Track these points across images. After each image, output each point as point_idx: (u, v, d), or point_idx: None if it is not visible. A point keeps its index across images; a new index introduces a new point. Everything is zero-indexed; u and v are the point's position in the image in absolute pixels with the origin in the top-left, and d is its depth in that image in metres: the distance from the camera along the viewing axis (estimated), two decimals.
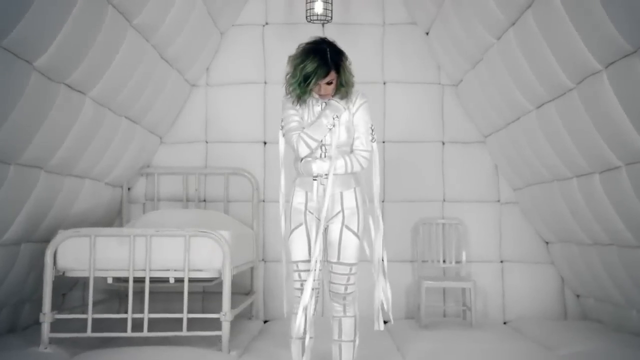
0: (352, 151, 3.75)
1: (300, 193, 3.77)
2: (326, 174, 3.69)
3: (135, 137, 5.57)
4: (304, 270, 3.72)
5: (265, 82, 6.34)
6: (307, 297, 3.63)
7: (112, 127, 5.03)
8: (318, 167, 3.69)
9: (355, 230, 3.74)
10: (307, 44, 3.63)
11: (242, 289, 6.11)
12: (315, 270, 3.66)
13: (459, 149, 6.27)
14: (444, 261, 6.08)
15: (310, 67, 3.53)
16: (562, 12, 3.89)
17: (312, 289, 3.71)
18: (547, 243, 6.13)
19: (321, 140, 3.69)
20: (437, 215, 6.20)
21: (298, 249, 3.72)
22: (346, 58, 3.68)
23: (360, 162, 3.74)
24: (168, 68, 5.48)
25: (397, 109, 6.29)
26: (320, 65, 3.54)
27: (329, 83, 3.63)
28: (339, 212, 3.74)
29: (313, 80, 3.56)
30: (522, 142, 5.38)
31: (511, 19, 4.57)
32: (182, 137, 6.30)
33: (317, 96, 3.73)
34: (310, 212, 3.74)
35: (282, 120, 3.77)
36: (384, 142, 6.27)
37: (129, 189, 6.20)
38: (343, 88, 3.68)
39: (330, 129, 3.66)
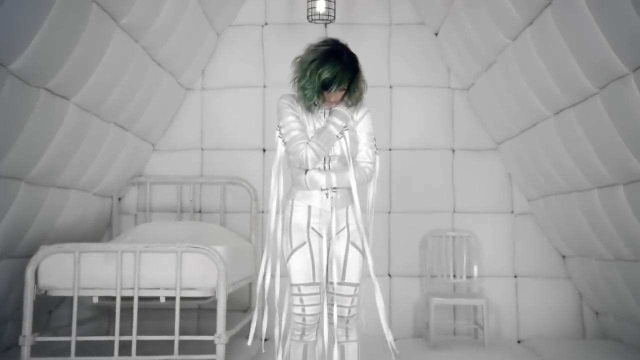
0: (355, 163, 3.59)
1: (301, 208, 3.58)
2: (334, 187, 3.52)
3: (125, 145, 5.42)
4: (307, 295, 3.53)
5: (265, 86, 6.22)
6: (325, 329, 3.49)
7: (99, 134, 4.88)
8: (327, 179, 3.51)
9: (360, 246, 3.58)
10: (321, 45, 3.44)
11: (240, 306, 5.96)
12: (322, 293, 3.52)
13: (470, 157, 6.15)
14: (454, 276, 5.97)
15: (330, 72, 3.35)
16: (585, 10, 3.69)
17: (318, 314, 3.56)
18: (563, 257, 6.00)
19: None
20: (446, 227, 6.08)
21: (301, 271, 3.52)
22: (360, 63, 3.52)
23: (367, 174, 3.60)
24: (160, 71, 5.35)
25: (404, 114, 6.18)
26: (342, 70, 3.36)
27: (342, 89, 3.46)
28: (344, 228, 3.58)
29: (334, 88, 3.38)
30: (538, 150, 5.23)
31: (528, 18, 4.41)
32: (176, 144, 6.19)
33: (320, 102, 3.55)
34: (313, 229, 3.55)
35: (280, 127, 3.55)
36: (390, 149, 6.16)
37: (119, 199, 6.06)
38: (355, 94, 3.51)
39: (339, 139, 3.49)
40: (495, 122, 5.86)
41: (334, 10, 5.67)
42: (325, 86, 3.37)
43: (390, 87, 6.22)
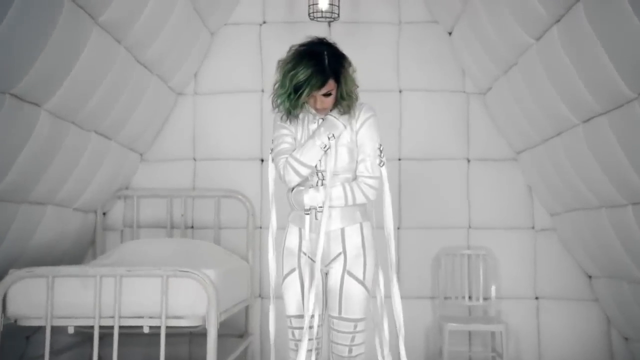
0: (355, 178, 3.36)
1: (293, 230, 3.40)
2: (321, 207, 3.28)
3: (108, 155, 5.21)
4: (298, 328, 3.33)
5: (263, 91, 6.05)
6: None
7: (77, 144, 4.64)
8: (311, 197, 3.28)
9: (360, 277, 3.32)
10: (301, 45, 3.24)
11: (236, 330, 5.80)
12: (311, 327, 3.26)
13: (486, 168, 6.01)
14: (469, 298, 5.83)
15: (302, 74, 3.13)
16: (624, 3, 3.38)
17: (309, 350, 3.30)
18: (590, 277, 5.81)
19: (315, 166, 3.29)
20: (461, 245, 5.94)
21: (291, 300, 3.35)
22: (349, 64, 3.27)
23: (365, 191, 3.32)
24: (146, 74, 5.13)
25: (414, 121, 6.04)
26: (315, 72, 3.14)
27: (326, 94, 3.22)
28: (339, 254, 3.33)
29: (305, 92, 3.15)
30: (563, 161, 5.01)
31: (556, 15, 4.15)
32: (166, 153, 6.05)
33: (313, 111, 3.33)
34: (304, 253, 3.35)
35: (272, 142, 3.40)
36: (399, 159, 6.02)
37: (104, 214, 5.90)
38: (344, 101, 3.27)
39: (325, 151, 3.26)
40: (515, 129, 5.68)
41: (338, 7, 5.54)
42: (296, 90, 3.15)
43: (400, 92, 6.07)
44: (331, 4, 5.45)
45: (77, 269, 4.19)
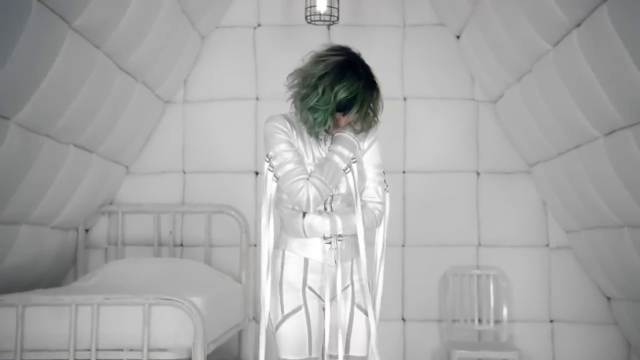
0: (362, 204, 3.15)
1: (295, 261, 3.10)
2: (339, 235, 3.06)
3: (89, 169, 5.07)
4: None
5: (257, 98, 5.98)
6: None
7: (53, 158, 4.48)
8: (332, 224, 3.06)
9: (368, 308, 3.14)
10: (331, 54, 2.98)
11: (228, 356, 5.70)
12: None
13: (497, 181, 5.93)
14: (479, 321, 5.74)
15: (348, 90, 2.90)
16: None
17: None
18: (609, 299, 5.70)
19: None
20: (470, 264, 5.86)
21: (294, 343, 3.05)
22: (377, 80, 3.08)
23: (377, 217, 3.16)
24: (130, 81, 5.01)
25: (420, 131, 5.97)
26: (365, 88, 2.94)
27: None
28: (348, 286, 3.13)
29: (354, 109, 2.94)
30: (581, 176, 4.85)
31: (576, 18, 3.98)
32: (153, 166, 5.97)
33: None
34: (310, 288, 3.09)
35: (270, 157, 3.06)
36: (403, 172, 5.95)
37: (86, 230, 5.78)
38: (368, 118, 3.04)
39: (345, 173, 3.05)
40: (528, 140, 5.58)
41: (338, 9, 5.42)
42: (341, 108, 2.93)
43: (404, 99, 5.99)
44: (330, 6, 5.35)
45: (50, 297, 4.02)
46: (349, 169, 3.03)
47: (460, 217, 5.89)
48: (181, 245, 5.85)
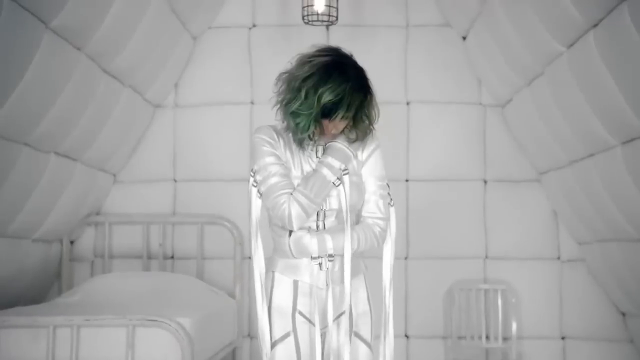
0: (357, 218, 2.99)
1: (285, 284, 2.95)
2: (330, 255, 2.89)
3: (73, 178, 4.96)
4: None
5: (252, 102, 5.92)
6: None
7: (32, 167, 4.37)
8: (320, 243, 2.89)
9: (368, 337, 3.00)
10: (318, 55, 2.84)
11: None
12: None
13: (505, 190, 5.88)
14: (486, 338, 5.69)
15: (333, 93, 2.75)
16: None
17: None
18: (623, 315, 5.63)
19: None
20: (477, 278, 5.81)
21: None
22: (371, 82, 2.93)
23: (378, 235, 2.96)
24: (116, 85, 4.92)
25: (424, 137, 5.93)
26: (350, 91, 2.76)
27: (347, 118, 2.86)
28: (343, 312, 2.94)
29: (340, 115, 2.77)
30: (596, 186, 4.77)
31: (593, 19, 3.87)
32: (142, 174, 5.92)
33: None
34: (300, 313, 2.92)
35: (254, 171, 2.93)
36: (407, 180, 5.88)
37: (71, 242, 5.72)
38: (362, 125, 2.88)
39: (336, 186, 2.88)
40: (539, 147, 5.53)
41: (337, 9, 5.36)
42: (326, 113, 2.77)
43: (408, 104, 5.94)
44: (329, 6, 5.30)
45: (25, 319, 3.86)
46: (339, 182, 2.88)
47: (466, 228, 5.85)
48: (172, 257, 5.81)
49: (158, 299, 4.78)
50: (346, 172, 2.86)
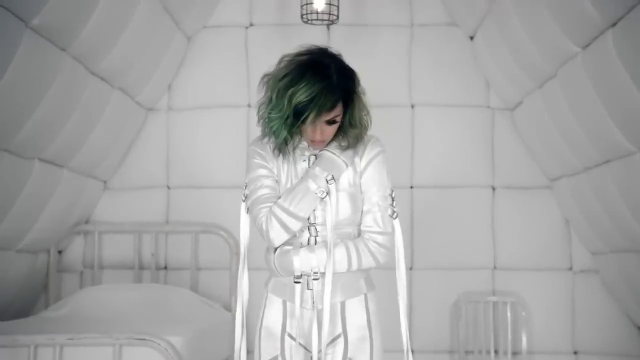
0: (359, 233, 2.85)
1: (275, 304, 2.85)
2: (316, 272, 2.76)
3: (60, 185, 4.87)
4: None
5: (250, 105, 5.84)
6: None
7: (13, 174, 4.27)
8: (303, 260, 2.75)
9: None
10: (298, 55, 2.73)
11: None
12: None
13: (515, 197, 5.82)
14: (495, 353, 5.63)
15: (306, 93, 2.61)
16: None
17: None
18: (639, 329, 5.56)
19: (308, 218, 2.76)
20: (485, 289, 5.74)
21: None
22: (358, 82, 2.78)
23: (374, 251, 2.80)
24: (105, 87, 4.83)
25: (429, 141, 5.88)
26: (324, 90, 2.62)
27: (330, 122, 2.70)
28: (338, 336, 2.81)
29: (311, 116, 2.64)
30: (612, 194, 4.67)
31: (611, 17, 3.77)
32: (134, 180, 5.87)
33: (304, 143, 2.84)
34: (290, 335, 2.81)
35: (245, 185, 2.87)
36: (411, 187, 5.83)
37: (59, 252, 5.63)
38: (352, 130, 2.76)
39: (322, 199, 2.74)
40: (550, 153, 5.46)
41: (337, 7, 5.31)
42: (297, 114, 2.63)
43: (412, 107, 5.89)
44: (329, 4, 5.26)
45: (5, 338, 3.71)
46: (325, 193, 2.74)
47: (473, 237, 5.79)
48: (165, 268, 5.75)
49: (149, 313, 4.69)
50: (332, 181, 2.73)
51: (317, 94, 2.60)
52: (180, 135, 5.87)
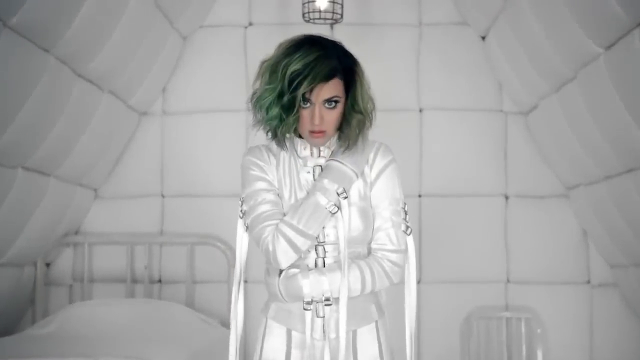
0: (369, 251, 2.65)
1: (277, 332, 2.64)
2: (327, 299, 2.54)
3: (46, 194, 4.74)
4: None
5: (249, 109, 5.51)
6: None
7: None
8: (313, 285, 2.54)
9: None
10: (297, 37, 2.61)
11: None
12: None
13: (529, 206, 5.73)
14: None
15: (301, 61, 2.45)
16: None
17: None
18: None
19: (317, 237, 2.55)
20: (498, 304, 5.66)
21: None
22: (361, 69, 2.60)
23: (388, 271, 2.59)
24: (94, 90, 4.70)
25: (438, 147, 5.81)
26: (321, 58, 2.46)
27: (330, 102, 2.49)
28: None
29: (306, 82, 2.43)
30: (634, 204, 4.56)
31: (638, 17, 3.61)
32: (126, 189, 5.78)
33: (303, 153, 2.63)
34: None
35: (242, 200, 2.65)
36: (419, 195, 5.74)
37: (47, 265, 5.54)
38: (356, 116, 2.55)
39: (333, 214, 2.53)
40: (567, 159, 5.35)
41: (341, 5, 5.23)
42: (291, 85, 2.44)
43: (420, 111, 5.80)
44: (332, 2, 5.18)
45: None
46: (336, 208, 2.54)
47: (485, 249, 5.69)
48: (159, 281, 5.66)
49: (141, 331, 4.56)
50: (345, 195, 2.53)
51: (313, 60, 2.45)
52: (176, 140, 5.78)
